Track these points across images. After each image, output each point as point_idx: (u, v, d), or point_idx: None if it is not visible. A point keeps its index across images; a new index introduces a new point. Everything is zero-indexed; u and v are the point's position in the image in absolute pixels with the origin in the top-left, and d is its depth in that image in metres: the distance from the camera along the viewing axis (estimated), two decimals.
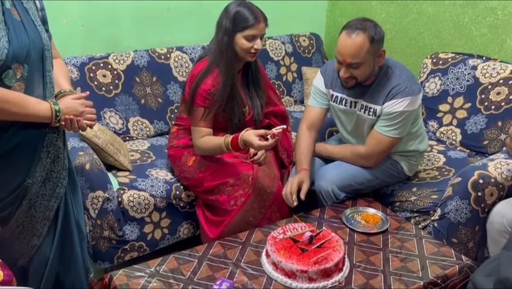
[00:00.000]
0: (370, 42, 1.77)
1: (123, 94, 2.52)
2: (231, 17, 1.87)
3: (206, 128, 1.97)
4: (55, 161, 1.46)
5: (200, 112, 1.94)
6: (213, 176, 1.98)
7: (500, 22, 2.43)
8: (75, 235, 1.60)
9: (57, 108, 1.36)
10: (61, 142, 1.48)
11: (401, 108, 1.85)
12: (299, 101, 3.14)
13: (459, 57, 2.51)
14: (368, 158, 1.96)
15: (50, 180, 1.47)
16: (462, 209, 1.81)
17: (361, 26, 1.78)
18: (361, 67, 1.80)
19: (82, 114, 1.42)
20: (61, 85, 1.48)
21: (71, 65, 2.41)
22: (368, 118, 1.93)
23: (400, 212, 2.03)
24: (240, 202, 1.92)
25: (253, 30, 1.86)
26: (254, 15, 1.86)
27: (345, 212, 1.88)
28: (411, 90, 1.85)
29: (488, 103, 2.32)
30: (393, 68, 1.91)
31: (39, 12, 1.41)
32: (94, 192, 1.90)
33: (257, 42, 1.89)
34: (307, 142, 2.03)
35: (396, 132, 1.89)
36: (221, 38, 1.90)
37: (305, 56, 3.14)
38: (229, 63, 1.93)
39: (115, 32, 2.67)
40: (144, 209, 2.04)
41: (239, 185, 1.94)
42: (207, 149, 1.97)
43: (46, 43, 1.37)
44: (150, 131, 2.60)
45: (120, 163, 2.14)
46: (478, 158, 2.25)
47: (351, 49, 1.77)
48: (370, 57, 1.80)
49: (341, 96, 2.01)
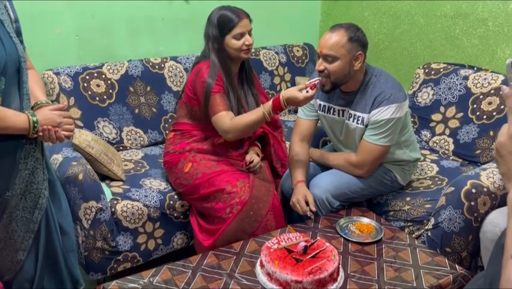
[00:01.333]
0: (348, 39, 1.81)
1: (116, 103, 2.51)
2: (215, 24, 1.96)
3: (228, 111, 1.94)
4: (34, 172, 1.45)
5: (219, 98, 1.94)
6: (210, 183, 1.98)
7: (491, 33, 2.46)
8: (58, 247, 1.58)
9: (35, 120, 1.37)
10: (40, 153, 1.48)
11: (387, 115, 1.86)
12: (292, 110, 3.15)
13: (451, 67, 2.54)
14: (361, 166, 1.97)
15: (31, 192, 1.46)
16: (456, 219, 1.82)
17: (344, 25, 1.85)
18: (336, 62, 1.82)
19: (60, 124, 1.44)
20: (37, 97, 1.48)
21: (64, 75, 2.40)
22: (358, 126, 1.94)
23: (394, 221, 2.03)
24: (236, 210, 1.91)
25: (239, 28, 1.94)
26: (235, 14, 1.95)
27: (339, 221, 1.88)
28: (395, 97, 1.86)
29: (479, 112, 2.34)
30: (378, 77, 1.93)
31: (13, 23, 1.41)
32: (87, 203, 1.89)
33: (247, 38, 1.96)
34: (300, 153, 2.04)
35: (385, 140, 1.90)
36: (212, 46, 1.98)
37: (298, 66, 3.16)
38: (226, 65, 1.99)
39: (109, 42, 2.68)
40: (138, 220, 2.03)
41: (235, 192, 1.93)
42: (244, 125, 1.89)
43: (21, 54, 1.37)
44: (144, 141, 2.59)
45: (114, 173, 2.13)
46: (471, 167, 2.27)
47: (329, 41, 1.82)
48: (346, 54, 1.82)
49: (328, 105, 2.02)
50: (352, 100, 1.94)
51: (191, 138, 2.10)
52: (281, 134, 2.31)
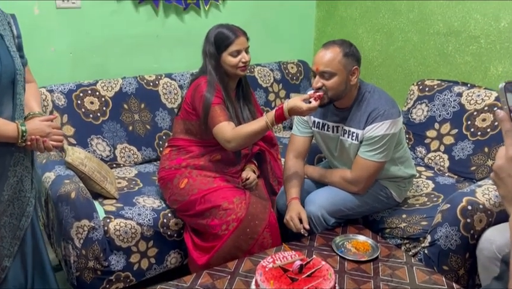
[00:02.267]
0: (344, 55, 1.83)
1: (110, 121, 2.51)
2: (212, 42, 1.99)
3: (229, 121, 1.94)
4: (22, 180, 1.51)
5: (219, 109, 1.94)
6: (206, 199, 1.97)
7: (484, 50, 2.50)
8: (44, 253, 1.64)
9: (23, 129, 1.43)
10: (29, 162, 1.54)
11: (382, 131, 1.87)
12: (287, 127, 3.16)
13: (444, 84, 2.57)
14: (356, 183, 1.97)
15: (19, 199, 1.52)
16: (452, 236, 1.81)
17: (337, 42, 1.87)
18: (333, 78, 1.83)
19: (49, 134, 1.49)
20: (31, 108, 1.55)
21: (58, 92, 2.41)
22: (352, 143, 1.95)
23: (391, 239, 2.03)
24: (232, 227, 1.90)
25: (235, 45, 1.97)
26: (232, 32, 1.99)
27: (335, 239, 1.87)
28: (389, 113, 1.87)
29: (474, 129, 2.36)
30: (371, 93, 1.94)
31: (15, 39, 1.50)
32: (80, 222, 1.87)
33: (243, 55, 1.99)
34: (294, 171, 2.04)
35: (380, 156, 1.91)
36: (210, 63, 2.01)
37: (293, 83, 3.19)
38: (224, 82, 2.02)
39: (103, 59, 2.69)
40: (131, 238, 2.01)
41: (232, 209, 1.92)
42: (245, 134, 1.88)
43: (18, 67, 1.45)
44: (138, 158, 2.58)
45: (107, 191, 2.12)
46: (466, 184, 2.27)
47: (324, 58, 1.83)
48: (343, 69, 1.83)
49: (322, 121, 2.03)
50: (346, 117, 1.95)
51: (187, 154, 2.10)
52: (277, 152, 2.31)
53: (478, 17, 2.48)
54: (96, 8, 2.57)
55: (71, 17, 2.52)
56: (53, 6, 2.46)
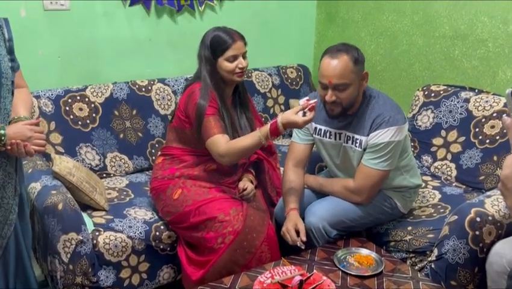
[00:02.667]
0: (354, 63, 1.83)
1: (100, 128, 2.51)
2: (208, 45, 1.99)
3: (223, 134, 1.94)
4: (5, 187, 1.51)
5: (213, 120, 1.94)
6: (201, 211, 1.96)
7: (492, 54, 2.51)
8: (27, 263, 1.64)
9: (2, 132, 1.43)
10: (12, 168, 1.54)
11: (387, 138, 1.87)
12: (287, 134, 3.15)
13: (451, 89, 2.58)
14: (359, 193, 1.97)
15: (2, 206, 1.51)
16: (460, 249, 1.81)
17: (342, 48, 1.85)
18: (347, 89, 1.83)
19: (30, 139, 1.48)
20: (18, 112, 1.55)
21: (45, 98, 2.41)
22: (356, 150, 1.95)
23: (395, 252, 2.02)
24: (229, 240, 1.89)
25: (232, 50, 1.97)
26: (229, 36, 1.98)
27: (337, 253, 1.86)
28: (395, 120, 1.88)
29: (482, 137, 2.37)
30: (376, 98, 1.95)
31: (6, 42, 1.52)
32: (67, 235, 1.86)
33: (240, 61, 1.99)
34: (294, 180, 2.03)
35: (385, 164, 1.91)
36: (205, 67, 2.00)
37: (292, 88, 3.19)
38: (219, 88, 2.01)
39: (93, 63, 2.69)
40: (121, 252, 2.00)
41: (228, 221, 1.91)
42: (239, 149, 1.90)
43: (4, 70, 1.46)
44: (129, 167, 2.58)
45: (96, 202, 2.11)
46: (475, 194, 2.27)
47: (336, 70, 1.81)
48: (355, 78, 1.84)
49: (324, 128, 2.03)
50: (350, 122, 1.95)
51: (181, 163, 2.10)
52: (276, 160, 2.31)
53: (486, 19, 2.50)
54: (85, 10, 2.58)
55: (59, 19, 2.52)
56: (41, 8, 2.46)
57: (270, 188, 2.22)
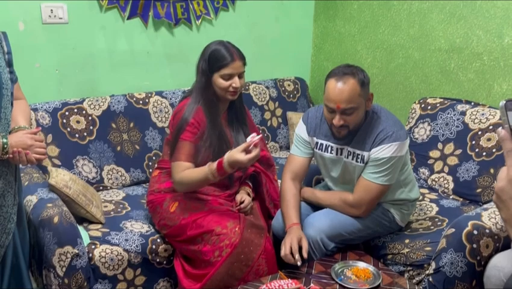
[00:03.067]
0: (361, 86, 1.83)
1: (97, 140, 2.51)
2: (206, 58, 1.98)
3: (188, 162, 1.96)
4: (5, 196, 1.54)
5: (185, 146, 1.96)
6: (197, 224, 1.96)
7: (487, 68, 2.53)
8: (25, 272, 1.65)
9: (5, 141, 1.47)
10: (12, 177, 1.58)
11: (389, 153, 1.87)
12: (284, 147, 3.16)
13: (447, 102, 2.59)
14: (358, 206, 1.96)
15: (0, 215, 1.53)
16: (458, 262, 1.80)
17: (349, 71, 1.84)
18: (355, 112, 1.83)
19: (31, 147, 1.53)
20: (18, 122, 1.60)
21: (42, 111, 2.41)
22: (357, 165, 1.95)
23: (393, 265, 2.01)
24: (226, 253, 1.88)
25: (229, 69, 1.95)
26: (229, 53, 1.96)
27: (334, 266, 1.85)
28: (398, 135, 1.89)
29: (479, 149, 2.37)
30: (378, 114, 1.95)
31: (5, 55, 1.56)
32: (62, 248, 1.85)
33: (235, 80, 1.96)
34: (293, 194, 2.02)
35: (385, 178, 1.91)
36: (200, 80, 2.00)
37: (290, 101, 3.21)
38: (211, 103, 2.00)
39: (91, 76, 2.70)
40: (117, 266, 1.99)
41: (225, 234, 1.91)
42: (189, 181, 1.94)
43: (5, 82, 1.50)
44: (126, 180, 2.57)
45: (92, 215, 2.10)
46: (472, 207, 2.27)
47: (344, 95, 1.80)
48: (363, 101, 1.85)
49: (326, 143, 2.03)
50: (351, 138, 1.95)
51: None
52: (273, 173, 2.31)
53: (480, 33, 2.52)
54: (83, 23, 2.60)
55: (57, 32, 2.54)
56: (39, 21, 2.48)
57: (267, 200, 2.22)
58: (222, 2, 2.98)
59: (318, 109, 2.07)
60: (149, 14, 2.74)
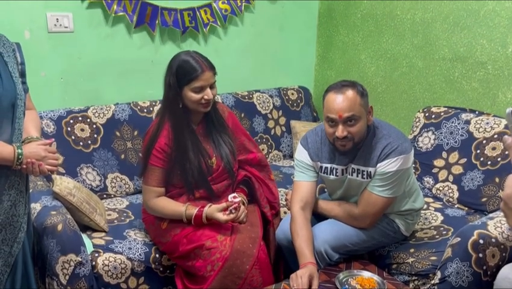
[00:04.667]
0: (361, 96, 1.83)
1: (101, 148, 2.51)
2: (174, 72, 1.89)
3: (159, 188, 1.99)
4: (16, 205, 1.56)
5: (154, 171, 1.97)
6: (188, 239, 1.93)
7: (491, 77, 2.52)
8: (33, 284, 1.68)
9: (20, 152, 1.50)
10: (23, 187, 1.61)
11: (395, 167, 1.86)
12: (288, 156, 3.16)
13: (451, 111, 2.59)
14: (362, 219, 1.96)
15: (12, 224, 1.57)
16: (464, 272, 1.78)
17: (347, 84, 1.85)
18: (358, 123, 1.82)
19: (44, 158, 1.55)
20: (29, 132, 1.62)
21: (47, 119, 2.42)
22: (363, 181, 1.94)
23: (398, 275, 1.99)
24: (217, 267, 1.84)
25: (199, 81, 1.87)
26: (198, 65, 1.87)
27: (339, 276, 1.84)
28: (403, 148, 1.87)
29: (484, 158, 2.36)
30: (380, 128, 1.93)
31: (19, 66, 1.61)
32: (66, 256, 1.84)
33: (207, 92, 1.89)
34: (306, 227, 1.91)
35: (390, 192, 1.90)
36: (167, 95, 1.95)
37: (293, 110, 3.20)
38: (179, 119, 1.95)
39: (96, 85, 2.71)
40: (121, 274, 1.97)
41: (216, 247, 1.88)
42: (161, 212, 1.99)
43: (19, 92, 1.54)
44: (130, 188, 2.57)
45: (96, 223, 2.10)
46: (477, 216, 2.25)
47: (345, 103, 1.79)
48: (364, 111, 1.84)
49: (330, 166, 1.99)
50: (355, 155, 1.93)
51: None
52: (268, 173, 2.23)
53: (484, 42, 2.52)
54: (89, 32, 2.61)
55: (63, 41, 2.55)
56: (45, 30, 2.49)
57: (262, 204, 2.14)
58: (230, 11, 2.99)
59: (316, 132, 2.03)
60: (156, 22, 2.75)
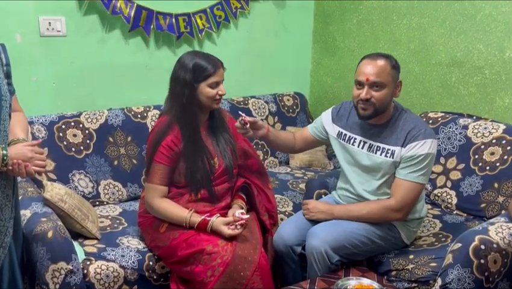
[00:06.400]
0: (392, 67, 1.91)
1: (94, 154, 2.47)
2: (190, 69, 1.94)
3: (162, 186, 1.97)
4: (2, 209, 1.52)
5: (159, 169, 1.96)
6: (188, 244, 1.90)
7: (488, 81, 2.52)
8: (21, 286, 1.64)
9: (5, 153, 1.46)
10: (10, 190, 1.56)
11: (425, 150, 1.90)
12: (284, 162, 3.13)
13: (449, 116, 2.57)
14: (401, 209, 1.95)
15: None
16: (465, 279, 1.75)
17: (382, 54, 1.95)
18: (383, 90, 1.89)
19: (31, 159, 1.52)
20: (16, 134, 1.58)
21: (38, 124, 2.38)
22: (386, 160, 1.96)
23: (397, 282, 1.96)
24: (218, 272, 1.82)
25: (215, 76, 1.95)
26: (213, 63, 1.96)
27: (337, 283, 1.80)
28: (430, 132, 1.95)
29: (482, 163, 2.34)
30: (408, 112, 2.02)
31: (4, 67, 1.56)
32: (56, 264, 1.79)
33: (221, 88, 1.98)
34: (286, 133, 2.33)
35: (423, 177, 1.93)
36: (181, 92, 1.95)
37: (289, 116, 3.18)
38: (193, 117, 1.97)
39: (88, 90, 2.67)
40: (113, 283, 1.93)
41: (217, 252, 1.85)
42: (164, 215, 1.97)
43: (4, 93, 1.50)
44: (123, 195, 2.53)
45: (88, 230, 2.05)
46: (476, 222, 2.23)
47: (375, 69, 1.89)
48: (391, 82, 1.91)
49: (349, 134, 2.07)
50: (377, 133, 1.99)
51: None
52: (267, 180, 2.24)
53: (481, 47, 2.51)
54: (82, 36, 2.58)
55: (55, 45, 2.52)
56: (37, 34, 2.46)
57: (261, 212, 2.13)
58: (224, 17, 2.97)
59: (351, 101, 2.10)
60: (151, 26, 2.72)
